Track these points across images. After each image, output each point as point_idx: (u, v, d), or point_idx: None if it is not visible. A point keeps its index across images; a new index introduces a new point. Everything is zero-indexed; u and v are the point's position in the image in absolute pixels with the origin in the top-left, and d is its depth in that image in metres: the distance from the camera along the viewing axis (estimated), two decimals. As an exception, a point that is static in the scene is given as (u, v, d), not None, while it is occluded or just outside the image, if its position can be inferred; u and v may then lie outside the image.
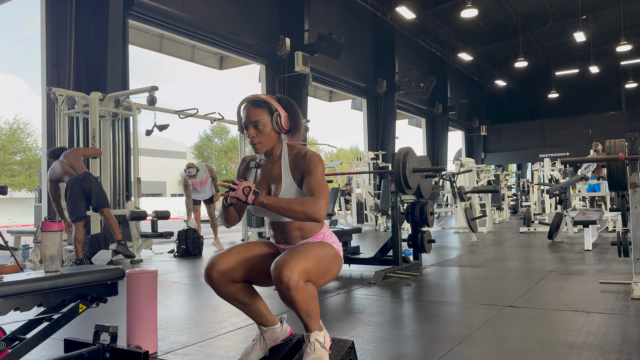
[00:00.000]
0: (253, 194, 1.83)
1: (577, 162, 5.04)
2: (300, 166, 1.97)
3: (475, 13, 14.83)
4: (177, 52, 14.13)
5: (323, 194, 1.90)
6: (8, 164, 29.54)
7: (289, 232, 2.01)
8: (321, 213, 1.87)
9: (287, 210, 1.85)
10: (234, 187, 1.84)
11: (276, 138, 2.02)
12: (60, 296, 2.04)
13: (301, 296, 1.78)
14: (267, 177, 2.05)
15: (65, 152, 5.81)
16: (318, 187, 1.91)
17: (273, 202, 1.85)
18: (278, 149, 2.04)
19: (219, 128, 42.77)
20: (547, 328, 2.73)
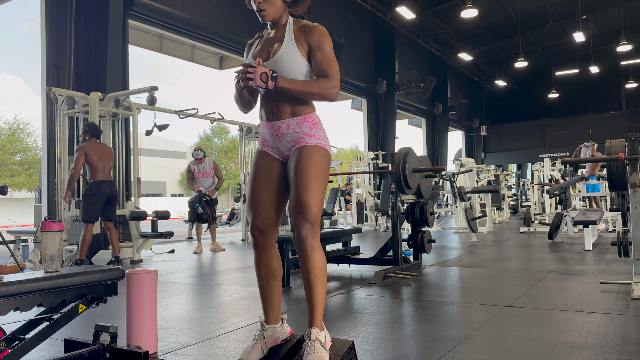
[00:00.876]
0: (272, 79, 1.88)
1: (577, 162, 5.05)
2: (309, 37, 1.99)
3: (475, 13, 14.84)
4: (177, 52, 14.14)
5: (335, 73, 1.97)
6: (8, 164, 29.54)
7: (280, 105, 2.02)
8: (335, 93, 1.97)
9: (305, 93, 1.93)
10: (251, 73, 1.87)
11: (282, 7, 2.04)
12: (60, 296, 2.04)
13: (316, 258, 1.91)
14: (269, 42, 2.06)
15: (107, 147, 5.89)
16: (330, 67, 1.97)
17: (292, 86, 1.91)
18: (283, 19, 2.07)
19: (219, 128, 42.78)
20: (547, 328, 2.73)
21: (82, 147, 5.65)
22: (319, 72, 1.98)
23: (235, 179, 37.16)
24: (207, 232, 7.79)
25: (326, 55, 1.97)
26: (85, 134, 5.79)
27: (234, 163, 40.64)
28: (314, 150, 1.99)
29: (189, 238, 9.80)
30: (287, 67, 1.98)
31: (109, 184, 5.74)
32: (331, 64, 1.97)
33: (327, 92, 1.94)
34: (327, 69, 1.96)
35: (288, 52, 1.98)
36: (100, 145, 5.80)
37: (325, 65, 1.96)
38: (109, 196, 5.72)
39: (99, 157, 5.66)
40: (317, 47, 1.97)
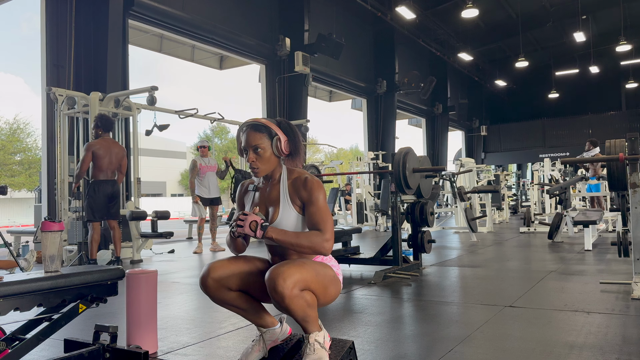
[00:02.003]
0: (261, 229, 1.83)
1: (577, 162, 5.05)
2: (301, 193, 1.96)
3: (476, 13, 14.84)
4: (177, 52, 14.13)
5: (328, 227, 1.90)
6: (8, 164, 29.54)
7: (288, 256, 2.00)
8: (328, 248, 1.89)
9: (294, 245, 1.85)
10: (241, 221, 1.84)
11: (276, 162, 2.02)
12: (60, 296, 2.04)
13: (297, 304, 1.78)
14: (265, 200, 2.04)
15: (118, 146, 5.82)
16: (323, 220, 1.91)
17: (281, 237, 1.85)
18: (277, 173, 2.04)
19: (219, 128, 42.79)
20: (547, 328, 2.73)
21: (92, 145, 5.56)
22: (311, 225, 1.93)
23: (235, 179, 37.15)
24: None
25: (319, 209, 1.92)
26: (98, 129, 5.68)
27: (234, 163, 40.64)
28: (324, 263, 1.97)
29: (189, 238, 9.80)
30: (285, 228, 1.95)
31: (110, 184, 5.69)
32: (324, 217, 1.91)
33: (319, 246, 1.86)
34: (320, 222, 1.91)
35: (286, 216, 1.96)
36: (111, 144, 5.69)
37: (317, 219, 1.91)
38: (110, 195, 5.68)
39: (107, 157, 5.60)
40: (309, 202, 1.94)
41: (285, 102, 12.41)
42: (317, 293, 1.86)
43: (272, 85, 12.47)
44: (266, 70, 12.58)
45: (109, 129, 5.77)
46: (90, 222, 5.61)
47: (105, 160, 5.60)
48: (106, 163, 5.61)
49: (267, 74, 12.58)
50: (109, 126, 5.77)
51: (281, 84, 12.39)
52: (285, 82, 12.39)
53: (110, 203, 5.69)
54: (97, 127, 5.69)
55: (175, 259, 6.57)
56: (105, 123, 5.72)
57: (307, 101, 12.85)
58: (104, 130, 5.71)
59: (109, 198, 5.68)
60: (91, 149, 5.54)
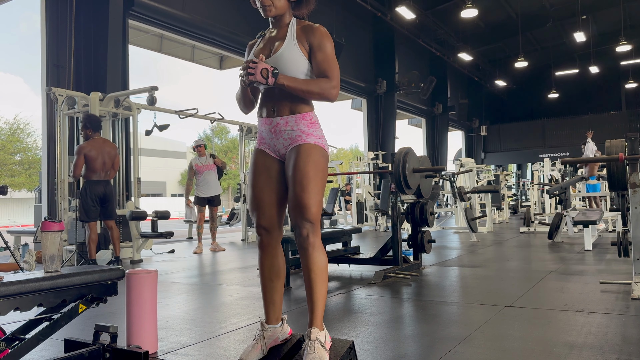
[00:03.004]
0: (272, 76, 1.89)
1: (577, 162, 5.05)
2: (310, 37, 2.00)
3: (475, 13, 14.84)
4: (177, 52, 14.14)
5: (336, 74, 1.98)
6: (8, 164, 29.54)
7: (281, 103, 2.03)
8: (335, 94, 1.98)
9: (304, 91, 1.94)
10: (252, 68, 1.88)
11: (286, 6, 2.05)
12: (60, 296, 2.04)
13: (317, 258, 1.93)
14: (271, 41, 2.07)
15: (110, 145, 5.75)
16: (331, 68, 1.98)
17: (292, 84, 1.92)
18: (286, 19, 2.08)
19: (219, 128, 42.80)
20: (547, 328, 2.73)
21: (83, 148, 5.48)
22: (319, 72, 1.99)
23: (235, 179, 37.14)
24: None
25: (327, 56, 1.99)
26: (87, 130, 5.59)
27: (234, 163, 40.63)
28: (311, 149, 1.99)
29: (189, 238, 9.80)
30: (288, 65, 1.99)
31: (103, 184, 5.60)
32: (332, 65, 1.98)
33: (327, 92, 1.95)
34: (328, 69, 1.97)
35: (289, 50, 1.99)
36: (102, 144, 5.61)
37: (325, 66, 1.98)
38: (103, 196, 5.58)
39: (100, 158, 5.53)
40: (318, 48, 1.99)
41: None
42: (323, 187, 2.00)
43: (272, 85, 12.45)
44: (266, 70, 12.56)
45: (99, 128, 5.69)
46: (86, 223, 5.56)
47: (98, 162, 5.52)
48: (99, 164, 5.53)
49: (267, 74, 12.55)
50: (98, 126, 5.68)
51: (281, 84, 12.37)
52: (285, 82, 12.37)
53: (104, 203, 5.61)
54: (87, 128, 5.59)
55: (175, 259, 6.57)
56: (94, 123, 5.62)
57: (307, 101, 12.83)
58: (94, 130, 5.61)
59: (102, 198, 5.59)
60: (83, 152, 5.45)
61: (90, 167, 5.51)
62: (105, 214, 5.69)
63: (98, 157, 5.53)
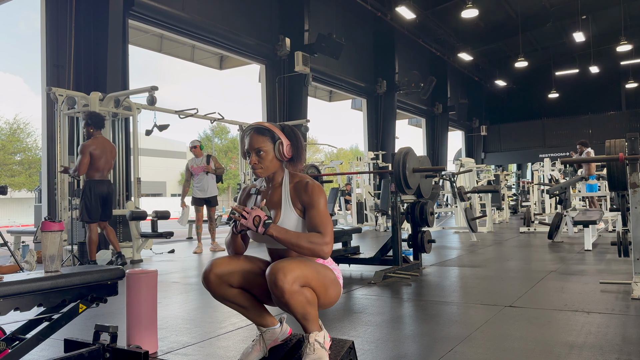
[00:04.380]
0: (263, 226, 1.84)
1: (577, 162, 5.04)
2: (302, 197, 1.98)
3: (476, 13, 14.84)
4: (177, 52, 14.14)
5: (328, 231, 1.92)
6: (8, 164, 29.54)
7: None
8: (327, 251, 1.90)
9: (294, 245, 1.87)
10: (245, 216, 1.85)
11: (278, 165, 2.04)
12: (60, 296, 2.04)
13: (296, 300, 1.79)
14: (267, 203, 2.05)
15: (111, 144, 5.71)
16: (323, 224, 1.93)
17: (282, 236, 1.86)
18: (279, 176, 2.06)
19: (219, 128, 42.78)
20: (547, 328, 2.73)
21: (87, 146, 5.42)
22: (311, 227, 1.94)
23: (235, 179, 37.14)
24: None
25: (319, 213, 1.94)
26: (89, 127, 5.52)
27: (234, 163, 40.64)
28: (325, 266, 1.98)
29: (189, 238, 9.80)
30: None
31: (106, 184, 5.60)
32: (324, 221, 1.94)
33: (318, 248, 1.87)
34: (320, 224, 1.93)
35: (287, 219, 1.98)
36: (104, 143, 5.60)
37: (317, 222, 1.93)
38: (105, 196, 5.58)
39: (103, 157, 5.50)
40: (310, 206, 1.96)
41: (285, 102, 12.42)
42: (317, 292, 1.87)
43: (272, 85, 12.47)
44: (266, 70, 12.58)
45: (101, 126, 5.63)
46: (87, 224, 5.51)
47: (102, 161, 5.51)
48: (102, 163, 5.52)
49: (267, 74, 12.58)
50: (101, 123, 5.62)
51: (281, 84, 12.39)
52: (285, 82, 12.39)
53: (105, 204, 5.58)
54: (89, 126, 5.50)
55: (175, 259, 6.57)
56: (96, 120, 5.55)
57: (307, 101, 12.85)
58: (96, 127, 5.55)
59: (104, 199, 5.57)
60: (88, 149, 5.41)
61: (95, 166, 5.47)
62: (104, 215, 5.64)
63: (102, 156, 5.50)
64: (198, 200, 7.41)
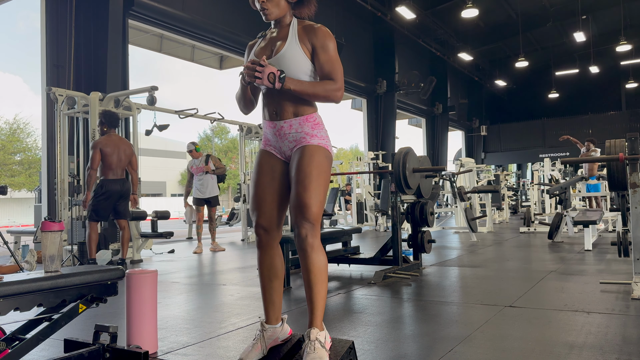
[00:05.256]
0: (279, 81, 1.87)
1: (577, 162, 5.05)
2: (312, 37, 1.99)
3: (476, 13, 14.84)
4: (177, 52, 14.14)
5: (340, 76, 1.98)
6: (8, 164, 29.54)
7: (283, 105, 2.03)
8: (339, 96, 1.98)
9: (310, 95, 1.94)
10: (259, 73, 1.86)
11: (286, 7, 2.04)
12: (60, 296, 2.04)
13: (316, 259, 1.91)
14: (272, 41, 2.06)
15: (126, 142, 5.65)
16: (335, 70, 1.98)
17: (299, 88, 1.92)
18: (287, 19, 2.06)
19: (219, 128, 42.78)
20: (547, 328, 2.73)
21: (99, 143, 5.39)
22: (323, 74, 1.97)
23: (235, 179, 37.14)
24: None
25: (330, 57, 1.97)
26: (103, 125, 5.52)
27: (234, 163, 40.64)
28: (315, 150, 1.99)
29: (189, 238, 9.80)
30: (290, 66, 1.97)
31: (120, 182, 5.52)
32: (335, 66, 1.97)
33: (333, 94, 1.95)
34: (332, 71, 1.97)
35: (291, 50, 1.98)
36: (118, 140, 5.54)
37: (329, 68, 1.97)
38: (120, 195, 5.51)
39: (115, 154, 5.44)
40: (321, 48, 1.97)
41: (285, 102, 12.39)
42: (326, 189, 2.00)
43: (272, 85, 12.45)
44: (266, 70, 12.56)
45: (115, 124, 5.61)
46: (89, 222, 5.47)
47: (114, 158, 5.44)
48: (115, 161, 5.45)
49: (267, 74, 12.55)
50: (115, 122, 5.61)
51: (281, 84, 12.37)
52: (285, 82, 12.37)
53: (118, 202, 5.52)
54: (102, 124, 5.53)
55: (175, 259, 6.57)
56: (110, 119, 5.55)
57: (307, 101, 12.82)
58: (110, 126, 5.55)
59: (119, 197, 5.51)
60: (98, 146, 5.38)
61: (106, 163, 5.42)
62: (119, 213, 5.57)
63: (113, 154, 5.44)
64: (198, 201, 7.43)
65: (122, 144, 5.58)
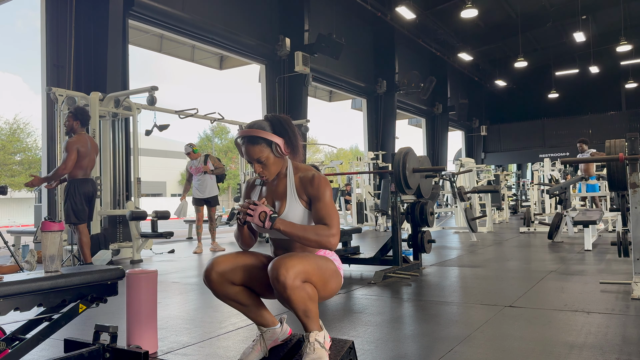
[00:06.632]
0: (269, 220, 1.86)
1: (577, 162, 5.04)
2: (308, 190, 1.99)
3: (475, 13, 14.84)
4: (177, 52, 14.14)
5: (335, 222, 1.94)
6: (8, 164, 29.53)
7: (292, 250, 2.03)
8: (334, 242, 1.92)
9: (301, 238, 1.89)
10: (251, 212, 1.86)
11: (281, 162, 2.05)
12: (60, 296, 2.04)
13: (298, 295, 1.79)
14: (272, 194, 2.07)
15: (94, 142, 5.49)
16: (329, 216, 1.94)
17: (289, 230, 1.88)
18: (283, 168, 2.07)
19: (219, 128, 42.75)
20: (547, 328, 2.73)
21: (74, 142, 5.16)
22: (317, 219, 1.96)
23: (235, 179, 37.13)
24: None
25: (326, 205, 1.96)
26: (75, 121, 5.21)
27: (234, 163, 40.63)
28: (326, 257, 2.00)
29: (189, 238, 9.80)
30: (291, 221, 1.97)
31: (90, 183, 5.35)
32: (330, 213, 1.95)
33: (325, 240, 1.90)
34: (326, 216, 1.94)
35: (292, 209, 1.99)
36: (89, 140, 5.37)
37: (324, 214, 1.95)
38: (92, 195, 5.36)
39: (88, 156, 5.27)
40: (316, 198, 1.97)
41: (285, 102, 12.42)
42: (317, 286, 1.88)
43: (272, 85, 12.47)
44: (266, 70, 12.58)
45: (87, 123, 5.40)
46: (76, 225, 5.25)
47: (87, 159, 5.27)
48: (87, 161, 5.27)
49: (267, 74, 12.58)
50: (87, 120, 5.39)
51: (281, 84, 12.39)
52: (285, 82, 12.39)
53: (89, 204, 5.35)
54: (75, 120, 5.19)
55: (175, 259, 6.57)
56: (83, 117, 5.30)
57: (307, 101, 12.85)
58: (82, 124, 5.30)
59: (90, 198, 5.34)
60: (75, 146, 5.12)
61: (79, 164, 5.21)
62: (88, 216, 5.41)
63: (87, 154, 5.26)
64: (198, 201, 7.44)
65: (92, 144, 5.41)
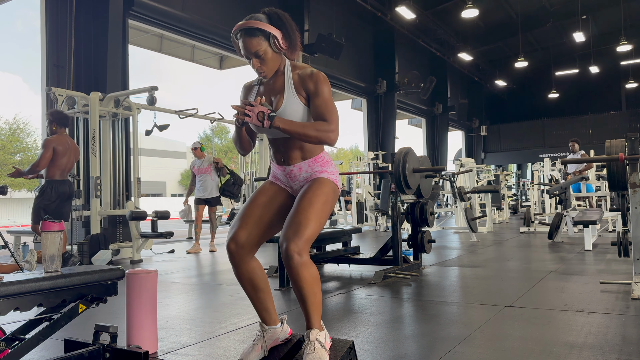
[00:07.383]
0: (268, 119, 1.86)
1: (577, 162, 5.04)
2: (307, 85, 1.98)
3: (476, 13, 14.85)
4: (177, 52, 14.15)
5: (334, 118, 1.95)
6: (8, 164, 29.52)
7: (289, 151, 2.04)
8: (333, 138, 1.93)
9: (301, 134, 1.89)
10: (248, 112, 1.86)
11: (279, 58, 2.03)
12: (60, 296, 2.04)
13: (306, 274, 1.84)
14: (269, 90, 2.06)
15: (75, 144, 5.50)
16: (329, 111, 1.95)
17: (288, 127, 1.88)
18: (281, 65, 2.06)
19: (219, 128, 42.78)
20: (547, 328, 2.73)
21: (52, 141, 5.19)
22: (317, 116, 1.96)
23: (235, 179, 37.12)
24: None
25: (325, 101, 1.96)
26: (52, 124, 5.30)
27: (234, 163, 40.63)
28: (325, 181, 2.01)
29: (189, 238, 9.80)
30: (290, 118, 1.97)
31: (67, 184, 5.35)
32: (329, 109, 1.95)
33: (324, 135, 1.90)
34: (326, 113, 1.94)
35: (290, 104, 1.98)
36: (70, 141, 5.38)
37: (323, 110, 1.95)
38: (68, 196, 5.35)
39: (67, 155, 5.28)
40: (315, 94, 1.96)
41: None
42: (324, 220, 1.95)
43: (272, 85, 12.46)
44: (266, 70, 12.56)
45: (65, 124, 5.40)
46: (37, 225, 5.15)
47: (64, 160, 5.27)
48: (65, 162, 5.27)
49: (267, 74, 12.56)
50: (64, 121, 5.40)
51: (281, 84, 12.37)
52: (285, 82, 12.37)
53: (66, 204, 5.35)
54: (52, 123, 5.30)
55: (175, 259, 6.57)
56: (60, 119, 5.35)
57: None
58: (59, 125, 5.34)
59: (67, 199, 5.34)
60: (51, 144, 5.14)
61: (57, 163, 5.21)
62: (62, 215, 5.37)
63: (65, 155, 5.26)
64: (199, 201, 7.50)
65: (72, 145, 5.40)
